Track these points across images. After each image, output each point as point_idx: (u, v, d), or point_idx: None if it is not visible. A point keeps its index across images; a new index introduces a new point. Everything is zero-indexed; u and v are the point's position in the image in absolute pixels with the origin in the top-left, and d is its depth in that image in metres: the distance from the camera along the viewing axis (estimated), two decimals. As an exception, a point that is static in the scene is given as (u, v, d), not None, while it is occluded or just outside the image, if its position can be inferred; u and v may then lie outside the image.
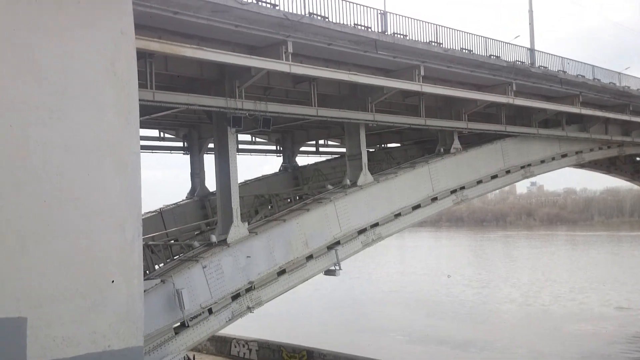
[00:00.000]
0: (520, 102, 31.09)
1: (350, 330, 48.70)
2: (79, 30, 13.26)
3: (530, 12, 35.63)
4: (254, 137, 32.65)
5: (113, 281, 13.48)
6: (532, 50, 32.90)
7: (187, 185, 29.30)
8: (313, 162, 34.47)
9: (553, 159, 35.27)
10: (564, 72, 33.68)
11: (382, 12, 24.15)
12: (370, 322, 52.23)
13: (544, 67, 32.66)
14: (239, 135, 28.45)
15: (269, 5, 19.57)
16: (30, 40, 12.62)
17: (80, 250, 13.02)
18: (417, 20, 25.35)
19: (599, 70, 37.14)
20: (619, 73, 39.55)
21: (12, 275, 12.03)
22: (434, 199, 27.67)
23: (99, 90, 13.51)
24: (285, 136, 32.63)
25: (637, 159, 53.70)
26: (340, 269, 23.47)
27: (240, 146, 31.05)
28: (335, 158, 34.35)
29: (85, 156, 13.22)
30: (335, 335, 45.51)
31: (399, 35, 24.44)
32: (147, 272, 19.74)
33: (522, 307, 57.32)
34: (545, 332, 46.02)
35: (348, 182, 24.76)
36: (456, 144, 29.07)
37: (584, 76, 35.27)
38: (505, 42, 30.33)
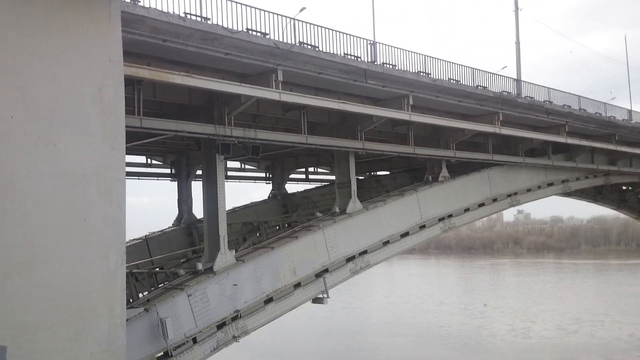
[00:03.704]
0: (506, 131, 31.40)
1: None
2: (67, 57, 13.27)
3: (517, 43, 36.23)
4: (243, 164, 32.58)
5: (95, 310, 13.25)
6: (518, 81, 33.33)
7: (174, 212, 29.07)
8: (302, 189, 34.48)
9: (539, 187, 35.49)
10: (550, 102, 34.09)
11: (371, 42, 24.43)
12: (371, 353, 51.65)
13: (531, 97, 33.04)
14: (228, 162, 28.50)
15: (259, 34, 19.70)
16: (18, 65, 12.58)
17: (63, 279, 12.82)
18: (405, 50, 25.73)
19: (585, 101, 37.66)
20: (605, 103, 40.12)
21: (-7, 303, 11.80)
22: (422, 227, 27.69)
23: (86, 117, 13.45)
24: (275, 163, 32.61)
25: (623, 187, 54.21)
26: (328, 297, 23.27)
27: (229, 173, 30.98)
28: (325, 186, 34.30)
29: (70, 183, 13.10)
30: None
31: (388, 65, 24.69)
32: (131, 300, 19.41)
33: (524, 339, 56.48)
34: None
35: (337, 209, 24.71)
36: (444, 172, 29.23)
37: (570, 106, 35.71)
38: (492, 73, 30.77)
